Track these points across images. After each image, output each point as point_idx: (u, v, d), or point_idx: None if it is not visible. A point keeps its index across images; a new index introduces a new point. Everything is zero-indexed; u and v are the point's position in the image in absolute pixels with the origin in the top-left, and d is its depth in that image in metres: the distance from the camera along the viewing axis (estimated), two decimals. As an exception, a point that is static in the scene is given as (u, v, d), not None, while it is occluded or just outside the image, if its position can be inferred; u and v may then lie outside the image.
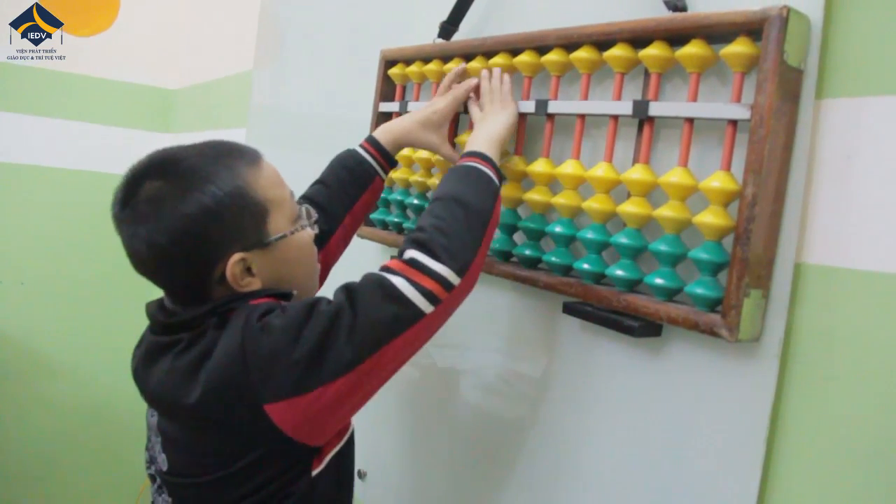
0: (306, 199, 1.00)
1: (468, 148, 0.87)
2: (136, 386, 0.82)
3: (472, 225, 0.77)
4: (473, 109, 0.98)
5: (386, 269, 0.73)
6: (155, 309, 0.81)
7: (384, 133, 1.02)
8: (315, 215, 0.86)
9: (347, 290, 0.72)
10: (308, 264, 0.85)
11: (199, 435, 0.76)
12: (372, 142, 1.02)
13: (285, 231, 0.79)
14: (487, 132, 0.89)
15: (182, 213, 0.73)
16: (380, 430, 1.26)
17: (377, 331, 0.70)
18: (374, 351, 0.70)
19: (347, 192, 1.01)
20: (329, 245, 0.99)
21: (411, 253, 0.73)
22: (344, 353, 0.69)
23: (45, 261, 2.46)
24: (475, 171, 0.82)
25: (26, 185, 2.42)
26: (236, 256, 0.75)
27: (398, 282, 0.71)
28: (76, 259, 2.49)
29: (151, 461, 0.83)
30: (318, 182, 1.02)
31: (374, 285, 0.71)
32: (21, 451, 2.43)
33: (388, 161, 1.02)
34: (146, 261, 0.76)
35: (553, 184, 0.93)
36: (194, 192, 0.74)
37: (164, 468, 0.80)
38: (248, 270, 0.77)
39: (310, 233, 0.84)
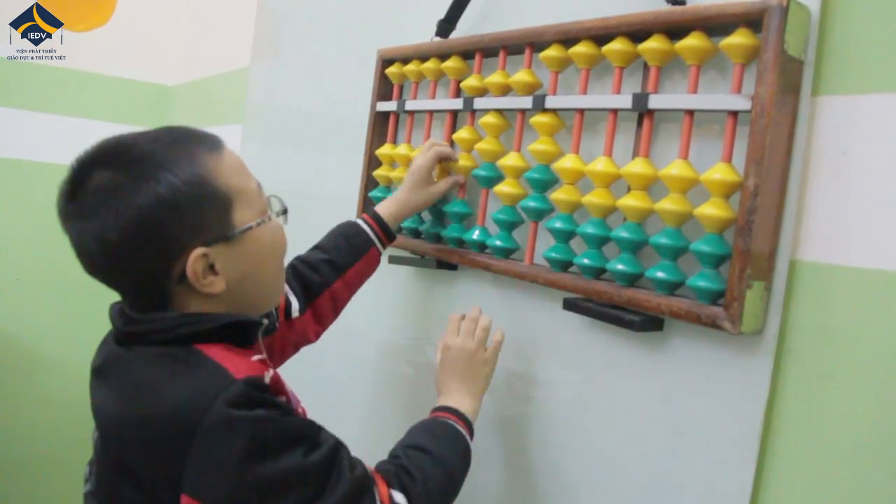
0: (301, 260, 0.99)
1: (444, 399, 0.87)
2: (90, 387, 0.75)
3: (448, 493, 0.78)
4: (452, 343, 0.91)
5: (377, 484, 0.70)
6: (116, 313, 0.75)
7: (384, 207, 1.03)
8: (284, 205, 0.79)
9: (337, 465, 0.67)
10: (276, 261, 0.78)
11: (116, 476, 0.69)
12: (373, 214, 1.03)
13: (251, 223, 0.72)
14: (471, 402, 0.87)
15: (135, 205, 0.66)
16: (375, 428, 1.25)
17: None
18: None
19: (342, 258, 1.00)
20: (315, 304, 0.98)
21: (398, 497, 0.71)
22: None
23: (42, 257, 2.44)
24: (466, 444, 0.82)
25: (21, 181, 2.41)
26: (198, 252, 0.68)
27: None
28: (72, 255, 2.47)
29: (86, 478, 0.77)
30: (315, 247, 1.02)
31: (363, 493, 0.68)
32: (15, 447, 2.41)
33: (388, 235, 1.03)
34: (96, 260, 0.70)
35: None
36: (148, 182, 0.66)
37: (91, 489, 0.74)
38: (211, 268, 0.70)
39: (278, 224, 0.78)
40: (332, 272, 0.99)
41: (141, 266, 0.70)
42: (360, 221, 1.02)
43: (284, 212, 0.79)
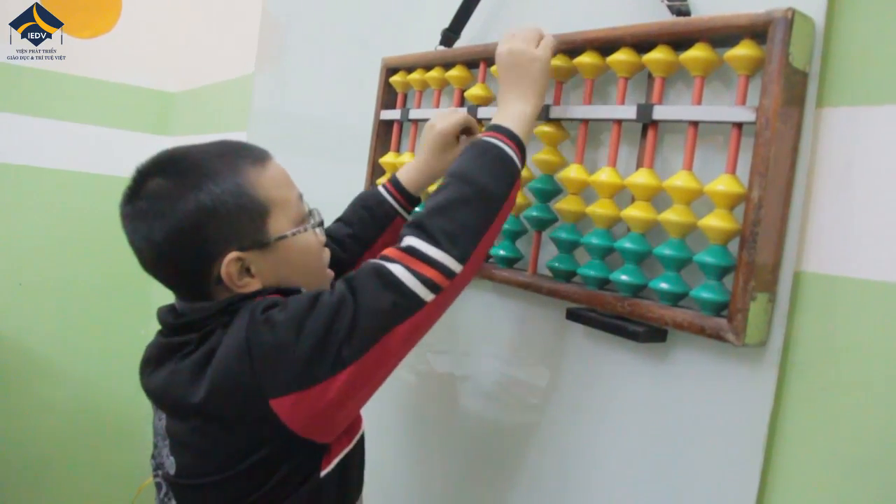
0: (327, 237, 0.99)
1: (495, 119, 0.81)
2: (144, 389, 0.81)
3: (480, 208, 0.73)
4: (502, 49, 0.84)
5: (384, 257, 0.72)
6: (165, 312, 0.81)
7: (405, 173, 1.01)
8: (320, 218, 0.84)
9: (347, 280, 0.71)
10: (313, 268, 0.83)
11: (207, 434, 0.74)
12: (394, 181, 1.01)
13: (286, 232, 0.78)
14: (520, 106, 0.81)
15: (178, 209, 0.73)
16: (378, 436, 1.24)
17: (377, 319, 0.68)
18: (375, 340, 0.68)
19: (367, 231, 1.00)
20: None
21: (410, 240, 0.71)
22: (347, 344, 0.68)
23: (44, 262, 2.46)
24: (495, 149, 0.76)
25: (25, 186, 2.42)
26: (232, 256, 0.74)
27: (396, 269, 0.69)
28: (75, 261, 2.49)
29: (158, 467, 0.82)
30: (339, 219, 1.02)
31: (372, 274, 0.70)
32: (17, 453, 2.41)
33: (410, 201, 1.01)
34: (147, 258, 0.77)
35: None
36: (192, 190, 0.74)
37: (172, 472, 0.78)
38: (247, 271, 0.76)
39: (316, 235, 0.83)
40: (357, 247, 0.99)
41: (183, 265, 0.76)
42: (381, 190, 1.01)
43: (320, 224, 0.84)
